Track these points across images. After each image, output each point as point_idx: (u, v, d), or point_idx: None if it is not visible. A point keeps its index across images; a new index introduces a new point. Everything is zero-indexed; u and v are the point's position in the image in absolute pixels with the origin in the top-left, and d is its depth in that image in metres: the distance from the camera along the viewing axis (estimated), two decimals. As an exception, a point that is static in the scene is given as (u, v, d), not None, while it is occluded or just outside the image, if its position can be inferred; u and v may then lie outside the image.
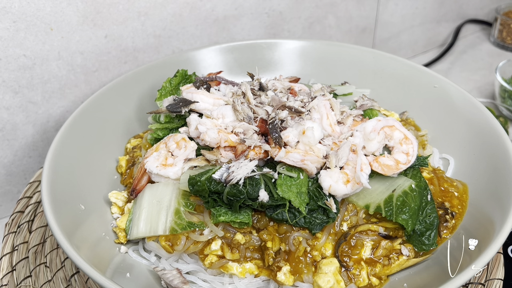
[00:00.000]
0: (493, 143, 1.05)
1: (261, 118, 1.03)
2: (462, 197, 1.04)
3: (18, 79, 1.26)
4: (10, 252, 1.13)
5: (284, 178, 0.94)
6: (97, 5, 1.30)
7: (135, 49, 1.44)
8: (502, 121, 1.60)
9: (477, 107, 1.13)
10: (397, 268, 0.94)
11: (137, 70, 1.32)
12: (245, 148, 0.98)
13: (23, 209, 1.23)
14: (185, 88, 1.14)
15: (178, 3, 1.44)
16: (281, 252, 0.94)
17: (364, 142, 1.02)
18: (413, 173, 1.00)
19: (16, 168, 1.38)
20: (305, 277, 0.93)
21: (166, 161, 1.02)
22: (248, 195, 0.92)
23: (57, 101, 1.36)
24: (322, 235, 0.96)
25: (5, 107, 1.28)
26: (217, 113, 1.05)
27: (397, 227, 0.98)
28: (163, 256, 0.99)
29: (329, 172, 0.95)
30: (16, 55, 1.23)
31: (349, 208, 0.99)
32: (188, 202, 0.98)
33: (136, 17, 1.39)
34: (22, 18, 1.20)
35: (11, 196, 1.41)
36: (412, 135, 1.04)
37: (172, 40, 1.50)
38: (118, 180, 1.17)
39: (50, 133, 1.39)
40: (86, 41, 1.33)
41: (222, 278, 0.97)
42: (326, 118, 1.05)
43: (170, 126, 1.13)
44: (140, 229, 0.97)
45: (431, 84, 1.25)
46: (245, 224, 0.95)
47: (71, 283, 1.05)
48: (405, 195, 0.95)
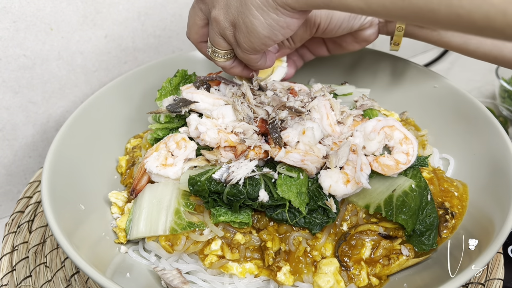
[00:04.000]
0: (493, 143, 1.05)
1: (261, 118, 1.03)
2: (462, 197, 1.04)
3: (18, 79, 1.26)
4: (10, 252, 1.13)
5: (284, 178, 0.94)
6: (97, 5, 1.30)
7: (135, 49, 1.44)
8: (502, 121, 1.60)
9: (477, 107, 1.13)
10: (397, 268, 0.94)
11: (137, 70, 1.31)
12: (245, 148, 0.98)
13: (23, 209, 1.23)
14: (185, 88, 1.14)
15: (178, 3, 1.44)
16: (281, 252, 0.94)
17: (364, 142, 1.03)
18: (413, 173, 1.00)
19: (16, 168, 1.38)
20: (305, 277, 0.93)
21: (166, 161, 1.02)
22: (248, 195, 0.92)
23: (57, 101, 1.36)
24: (322, 235, 0.96)
25: (5, 107, 1.28)
26: (217, 113, 1.05)
27: (397, 227, 0.98)
28: (163, 256, 0.99)
29: (329, 172, 0.95)
30: (16, 55, 1.23)
31: (349, 208, 0.99)
32: (188, 202, 0.98)
33: (136, 17, 1.39)
34: (22, 18, 1.20)
35: (11, 196, 1.41)
36: (412, 135, 1.04)
37: (172, 40, 1.50)
38: (118, 180, 1.17)
39: (50, 133, 1.39)
40: (86, 41, 1.33)
41: (222, 278, 0.97)
42: (326, 118, 1.05)
43: (170, 126, 1.13)
44: (140, 229, 0.97)
45: (431, 84, 1.25)
46: (245, 224, 0.95)
47: (71, 283, 1.05)
48: (405, 195, 0.95)
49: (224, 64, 1.05)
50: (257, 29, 0.88)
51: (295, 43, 1.14)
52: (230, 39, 0.96)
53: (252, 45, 0.93)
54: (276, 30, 0.88)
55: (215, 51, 1.01)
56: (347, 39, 1.15)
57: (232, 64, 1.06)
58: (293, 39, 1.13)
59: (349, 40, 1.15)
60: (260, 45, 0.93)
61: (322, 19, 1.05)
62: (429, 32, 1.06)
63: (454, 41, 1.03)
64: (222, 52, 1.01)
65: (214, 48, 1.01)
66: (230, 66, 1.06)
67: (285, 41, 1.15)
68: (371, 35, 1.12)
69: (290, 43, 1.15)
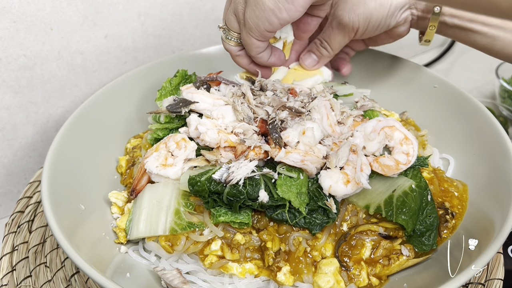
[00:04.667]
0: (493, 143, 1.05)
1: (261, 119, 1.03)
2: (462, 197, 1.04)
3: (18, 79, 1.26)
4: (10, 252, 1.13)
5: (284, 178, 0.94)
6: (97, 5, 1.30)
7: (135, 49, 1.44)
8: (502, 121, 1.60)
9: (477, 107, 1.13)
10: (397, 268, 0.94)
11: (137, 70, 1.31)
12: (245, 148, 0.98)
13: (23, 209, 1.23)
14: (185, 88, 1.14)
15: (178, 3, 1.44)
16: (281, 252, 0.94)
17: (364, 143, 1.02)
18: (413, 173, 1.00)
19: (16, 168, 1.38)
20: (305, 277, 0.93)
21: (166, 161, 1.02)
22: (248, 195, 0.92)
23: (57, 101, 1.36)
24: (322, 235, 0.96)
25: (5, 107, 1.28)
26: (217, 113, 1.05)
27: (397, 227, 0.98)
28: (163, 256, 0.99)
29: (329, 172, 0.95)
30: (16, 55, 1.23)
31: (349, 209, 0.99)
32: (188, 202, 0.98)
33: (136, 17, 1.39)
34: (22, 18, 1.20)
35: (11, 196, 1.41)
36: (412, 135, 1.04)
37: (172, 40, 1.50)
38: (118, 180, 1.18)
39: (50, 133, 1.39)
40: (86, 41, 1.33)
41: (222, 278, 0.97)
42: (327, 119, 1.05)
43: (170, 126, 1.13)
44: (140, 229, 0.97)
45: (431, 84, 1.25)
46: (245, 225, 0.95)
47: (71, 283, 1.05)
48: (405, 196, 0.95)
49: (231, 48, 1.07)
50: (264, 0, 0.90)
51: (333, 50, 1.18)
52: (240, 16, 0.97)
53: (256, 20, 0.93)
54: (280, 3, 0.89)
55: (225, 30, 1.04)
56: (381, 36, 1.18)
57: (239, 51, 1.07)
58: (331, 46, 1.18)
59: (383, 36, 1.19)
60: (264, 22, 0.93)
61: (360, 24, 1.09)
62: (458, 31, 1.09)
63: (480, 41, 1.06)
64: (234, 35, 1.03)
65: (226, 27, 1.03)
66: (235, 53, 1.08)
67: (323, 50, 1.18)
68: (404, 31, 1.16)
69: (328, 51, 1.19)
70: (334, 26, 1.14)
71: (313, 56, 1.22)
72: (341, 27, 1.12)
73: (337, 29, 1.13)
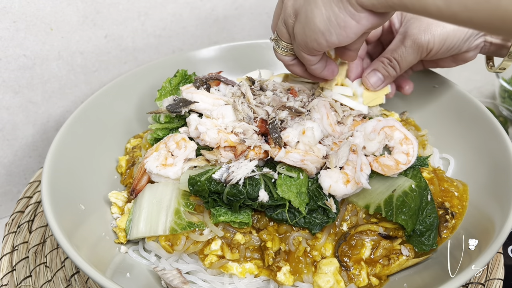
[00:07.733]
0: (493, 143, 1.05)
1: (261, 118, 1.03)
2: (462, 197, 1.04)
3: (18, 79, 1.26)
4: (10, 252, 1.13)
5: (284, 178, 0.94)
6: (97, 5, 1.30)
7: (135, 49, 1.44)
8: (502, 121, 1.60)
9: (477, 107, 1.13)
10: (397, 268, 0.94)
11: (137, 70, 1.32)
12: (245, 148, 0.98)
13: (23, 209, 1.23)
14: (185, 88, 1.14)
15: (178, 3, 1.44)
16: (281, 252, 0.94)
17: (364, 142, 1.02)
18: (413, 173, 1.00)
19: (16, 168, 1.38)
20: (305, 277, 0.93)
21: (166, 161, 1.02)
22: (248, 195, 0.92)
23: (57, 101, 1.36)
24: (322, 235, 0.96)
25: (5, 107, 1.28)
26: (217, 113, 1.05)
27: (397, 227, 0.98)
28: (163, 256, 0.99)
29: (329, 172, 0.95)
30: (16, 55, 1.23)
31: (349, 208, 0.99)
32: (188, 202, 0.98)
33: (136, 17, 1.39)
34: (22, 18, 1.20)
35: (11, 196, 1.41)
36: (412, 135, 1.04)
37: (172, 40, 1.50)
38: (118, 180, 1.18)
39: (50, 133, 1.39)
40: (86, 41, 1.33)
41: (222, 278, 0.97)
42: (326, 118, 1.05)
43: (170, 126, 1.13)
44: (140, 229, 0.97)
45: (431, 84, 1.25)
46: (245, 224, 0.95)
47: (71, 283, 1.05)
48: (405, 195, 0.95)
49: (283, 58, 1.04)
50: (315, 19, 0.86)
51: (401, 69, 1.11)
52: (290, 29, 0.94)
53: (305, 38, 0.90)
54: (332, 27, 0.85)
55: (277, 41, 1.01)
56: (446, 58, 1.13)
57: (292, 61, 1.04)
58: (401, 65, 1.10)
59: (448, 60, 1.14)
60: (313, 41, 0.89)
61: (435, 44, 1.03)
62: None
63: None
64: (284, 44, 0.99)
65: (278, 37, 1.00)
66: (288, 62, 1.04)
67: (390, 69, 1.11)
68: (472, 56, 1.11)
69: (396, 70, 1.11)
70: (408, 45, 1.06)
71: (378, 75, 1.13)
72: (415, 46, 1.05)
73: (411, 49, 1.06)
